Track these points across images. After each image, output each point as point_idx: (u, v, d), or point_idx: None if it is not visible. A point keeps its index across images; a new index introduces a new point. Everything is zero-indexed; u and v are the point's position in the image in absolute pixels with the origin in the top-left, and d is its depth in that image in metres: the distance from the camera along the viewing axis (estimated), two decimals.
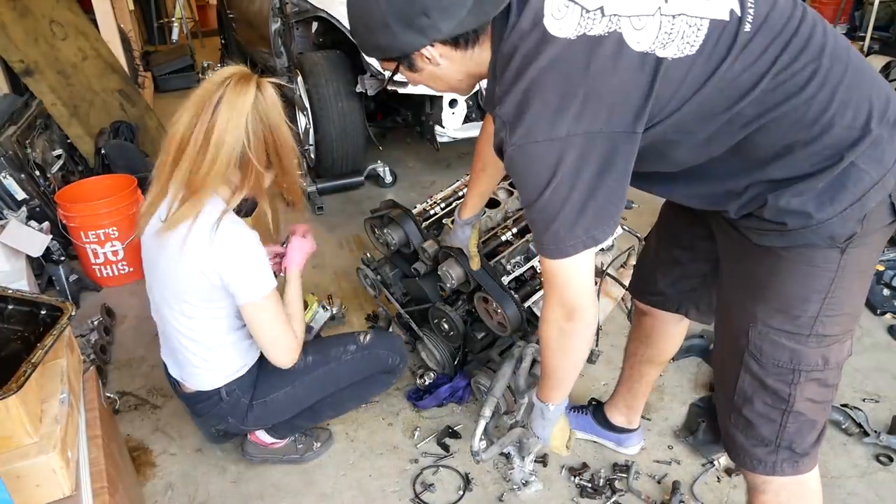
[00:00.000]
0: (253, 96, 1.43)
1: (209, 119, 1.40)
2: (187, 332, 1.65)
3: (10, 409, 1.23)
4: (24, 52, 3.53)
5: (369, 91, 3.45)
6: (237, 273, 1.51)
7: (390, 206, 2.26)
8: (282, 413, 1.84)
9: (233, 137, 1.41)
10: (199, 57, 6.68)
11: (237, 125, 1.41)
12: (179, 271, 1.53)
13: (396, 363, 1.90)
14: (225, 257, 1.49)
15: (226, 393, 1.73)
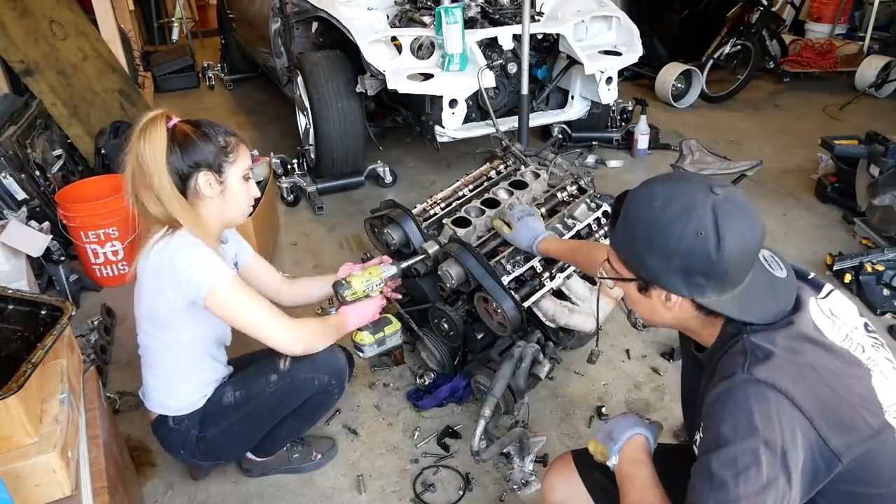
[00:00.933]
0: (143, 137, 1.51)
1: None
2: (146, 354, 1.72)
3: (10, 408, 1.23)
4: (24, 52, 3.53)
5: (369, 91, 3.46)
6: (188, 272, 1.53)
7: (390, 206, 2.26)
8: (228, 449, 1.82)
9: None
10: (199, 57, 6.68)
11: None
12: (143, 293, 1.61)
13: (325, 381, 1.73)
14: (174, 265, 1.53)
15: (173, 422, 1.73)
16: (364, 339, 1.90)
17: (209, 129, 1.56)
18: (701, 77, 5.10)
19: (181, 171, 1.52)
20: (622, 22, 3.77)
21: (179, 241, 1.53)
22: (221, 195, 1.59)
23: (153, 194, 1.50)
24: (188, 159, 1.52)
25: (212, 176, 1.55)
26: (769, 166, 3.95)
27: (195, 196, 1.56)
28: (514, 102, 3.65)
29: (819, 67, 5.50)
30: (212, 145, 1.54)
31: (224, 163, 1.56)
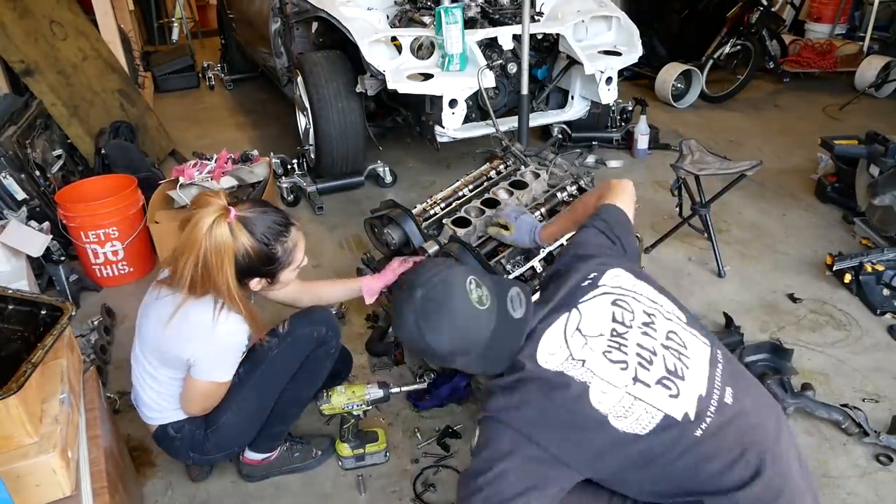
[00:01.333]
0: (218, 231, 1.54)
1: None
2: (141, 378, 1.74)
3: (10, 409, 1.23)
4: (24, 53, 3.53)
5: (369, 91, 3.46)
6: (206, 355, 1.61)
7: (390, 206, 2.26)
8: (242, 432, 1.82)
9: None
10: (199, 57, 6.68)
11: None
12: (167, 335, 1.61)
13: (323, 333, 1.80)
14: (212, 339, 1.59)
15: (174, 430, 1.76)
16: (342, 451, 1.96)
17: (264, 234, 1.56)
18: (701, 77, 5.10)
19: (240, 276, 1.57)
20: (622, 22, 3.78)
21: (234, 325, 1.59)
22: (269, 287, 1.68)
23: (211, 287, 1.54)
24: (243, 268, 1.56)
25: (265, 281, 1.64)
26: (769, 166, 3.95)
27: (245, 286, 1.62)
28: (513, 102, 3.65)
29: (819, 67, 5.50)
30: (268, 255, 1.58)
31: (279, 270, 1.63)
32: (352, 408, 1.88)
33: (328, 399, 1.86)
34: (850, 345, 2.47)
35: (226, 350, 1.63)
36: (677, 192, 2.98)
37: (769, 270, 2.95)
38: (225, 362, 1.66)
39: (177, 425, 1.75)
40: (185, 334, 1.58)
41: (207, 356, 1.62)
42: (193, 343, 1.59)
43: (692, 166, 2.84)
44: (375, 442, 1.98)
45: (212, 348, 1.61)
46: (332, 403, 1.86)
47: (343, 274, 3.01)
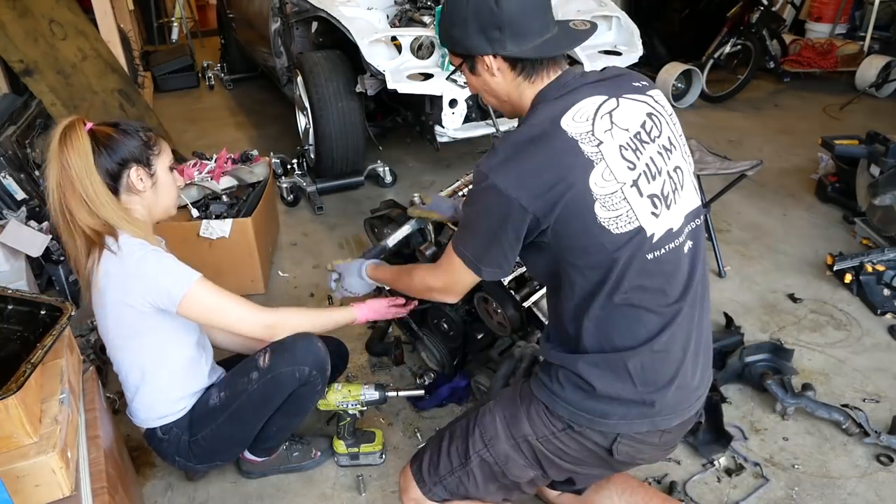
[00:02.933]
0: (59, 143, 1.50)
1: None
2: (122, 370, 1.72)
3: (10, 409, 1.23)
4: (23, 52, 3.52)
5: (369, 91, 3.45)
6: (156, 280, 1.54)
7: (390, 206, 2.25)
8: (222, 451, 1.80)
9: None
10: (198, 57, 6.68)
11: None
12: (107, 312, 1.59)
13: (306, 373, 1.68)
14: (140, 274, 1.53)
15: (161, 432, 1.73)
16: (338, 448, 1.96)
17: (127, 126, 1.58)
18: (701, 77, 5.10)
19: (112, 171, 1.53)
20: (622, 21, 3.77)
21: (131, 248, 1.53)
22: (153, 188, 1.61)
23: (84, 203, 1.49)
24: (116, 157, 1.53)
25: (142, 170, 1.57)
26: (769, 166, 3.95)
27: (128, 193, 1.58)
28: None
29: (819, 67, 5.50)
30: (136, 140, 1.56)
31: (151, 155, 1.59)
32: (346, 406, 1.88)
33: (323, 395, 1.84)
34: (851, 345, 2.46)
35: (162, 272, 1.54)
36: None
37: (769, 270, 2.95)
38: (166, 267, 1.56)
39: (165, 427, 1.73)
40: (116, 288, 1.54)
41: (148, 283, 1.53)
42: (128, 287, 1.53)
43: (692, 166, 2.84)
44: (371, 442, 1.97)
45: (142, 274, 1.53)
46: (328, 400, 1.86)
47: None
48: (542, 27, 1.30)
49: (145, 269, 1.53)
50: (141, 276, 1.53)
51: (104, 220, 1.51)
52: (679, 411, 1.34)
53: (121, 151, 1.53)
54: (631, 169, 1.24)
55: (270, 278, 2.99)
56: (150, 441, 1.79)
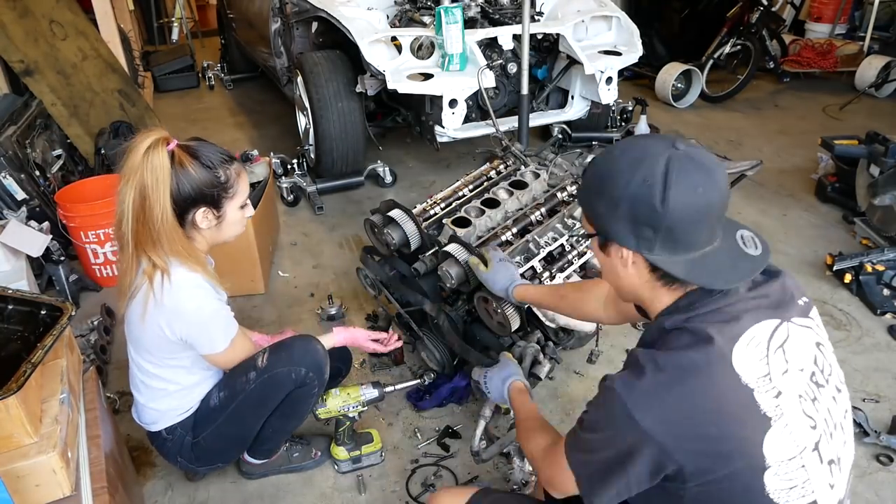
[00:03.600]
0: (161, 161, 1.46)
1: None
2: (140, 377, 1.71)
3: (10, 408, 1.23)
4: (24, 52, 3.53)
5: (369, 91, 3.46)
6: (193, 333, 1.57)
7: (390, 206, 2.26)
8: (222, 451, 1.82)
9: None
10: (198, 57, 6.68)
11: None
12: (143, 334, 1.59)
13: (303, 374, 1.69)
14: (179, 318, 1.54)
15: (166, 432, 1.74)
16: (339, 454, 1.95)
17: (209, 159, 1.51)
18: (701, 77, 5.10)
19: (179, 205, 1.49)
20: (622, 22, 3.77)
21: (188, 289, 1.53)
22: (217, 226, 1.59)
23: (149, 225, 1.46)
24: (186, 194, 1.48)
25: (210, 212, 1.54)
26: (769, 166, 3.95)
27: (190, 227, 1.55)
28: (513, 102, 3.64)
29: (819, 67, 5.50)
30: (211, 178, 1.51)
31: (224, 198, 1.55)
32: (347, 409, 1.88)
33: (323, 403, 1.85)
34: (851, 345, 2.47)
35: (199, 316, 1.55)
36: None
37: None
38: (214, 326, 1.59)
39: (170, 427, 1.73)
40: (161, 320, 1.53)
41: (192, 331, 1.57)
42: (173, 325, 1.54)
43: None
44: (371, 443, 1.98)
45: (191, 321, 1.55)
46: (328, 407, 1.86)
47: (343, 274, 3.01)
48: (705, 240, 1.02)
49: (199, 317, 1.56)
50: (192, 322, 1.55)
51: (164, 248, 1.49)
52: None
53: (193, 189, 1.49)
54: (812, 428, 0.99)
55: (270, 278, 2.99)
56: (153, 440, 1.79)
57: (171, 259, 1.51)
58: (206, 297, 1.56)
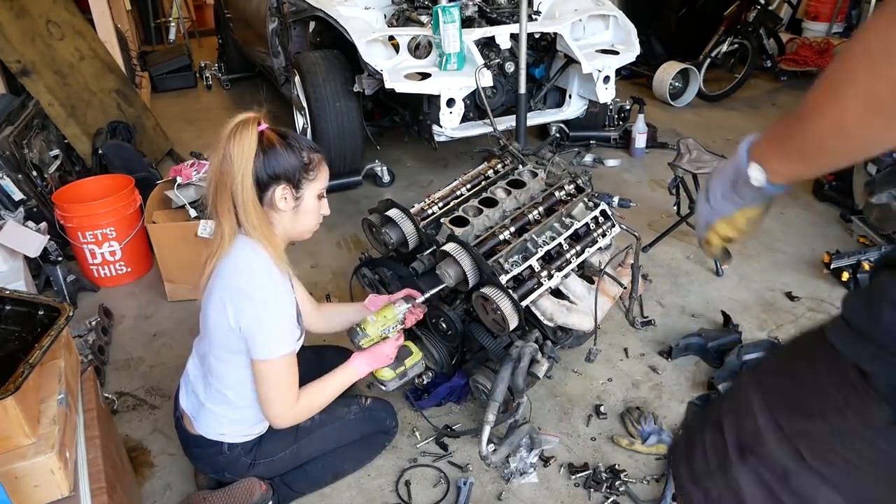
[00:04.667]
0: (251, 141, 1.49)
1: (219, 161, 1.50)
2: (212, 376, 1.65)
3: (8, 409, 1.23)
4: (20, 52, 3.52)
5: (367, 90, 3.45)
6: (252, 326, 1.51)
7: (388, 206, 2.26)
8: (283, 468, 1.83)
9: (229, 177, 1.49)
10: (196, 57, 6.67)
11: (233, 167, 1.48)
12: (209, 309, 1.56)
13: (391, 425, 1.98)
14: (242, 304, 1.50)
15: (227, 448, 1.71)
16: (385, 375, 1.86)
17: (295, 141, 1.55)
18: (698, 76, 5.11)
19: (262, 179, 1.50)
20: (619, 21, 3.78)
21: (259, 276, 1.51)
22: (294, 210, 1.59)
23: (229, 197, 1.48)
24: (270, 169, 1.50)
25: (289, 190, 1.55)
26: None
27: (269, 206, 1.55)
28: (511, 101, 3.65)
29: (816, 66, 5.51)
30: (296, 159, 1.53)
31: (304, 179, 1.56)
32: (388, 331, 1.80)
33: (364, 333, 1.76)
34: None
35: (260, 301, 1.50)
36: (675, 191, 2.99)
37: (767, 269, 2.96)
38: (274, 322, 1.52)
39: (232, 445, 1.71)
40: (225, 294, 1.51)
41: (249, 319, 1.50)
42: (233, 302, 1.50)
43: (690, 165, 2.85)
44: (412, 355, 1.90)
45: (251, 304, 1.50)
46: (370, 334, 1.77)
47: (341, 273, 3.01)
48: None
49: (258, 312, 1.51)
50: (250, 316, 1.50)
51: (242, 217, 1.50)
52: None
53: (277, 165, 1.51)
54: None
55: None
56: (202, 446, 1.73)
57: (244, 230, 1.52)
58: (272, 282, 1.53)
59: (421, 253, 2.18)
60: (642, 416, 2.10)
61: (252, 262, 1.53)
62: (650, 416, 2.09)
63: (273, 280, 1.54)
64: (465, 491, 1.87)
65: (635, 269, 2.20)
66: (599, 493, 1.87)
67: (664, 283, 2.86)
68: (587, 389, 2.28)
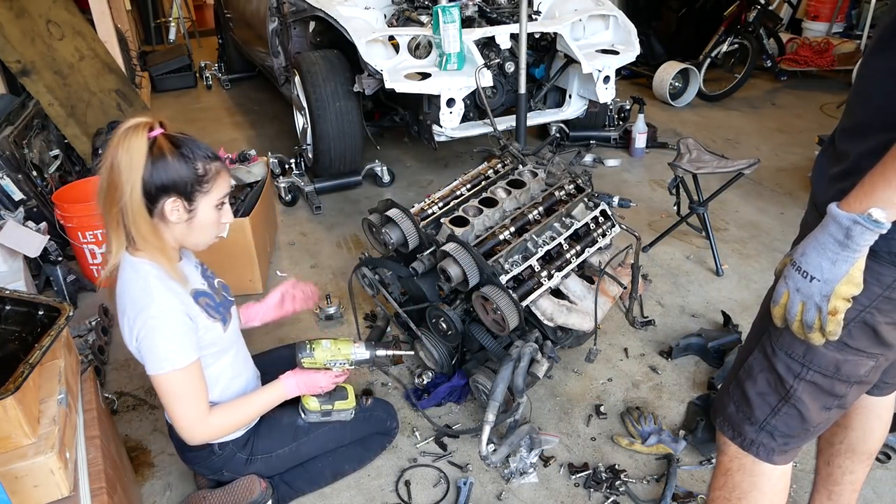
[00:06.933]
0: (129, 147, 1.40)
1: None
2: None
3: (8, 409, 1.23)
4: (20, 53, 3.52)
5: (367, 90, 3.45)
6: (139, 345, 1.44)
7: (388, 206, 2.26)
8: (282, 466, 1.83)
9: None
10: (196, 57, 6.68)
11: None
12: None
13: (392, 426, 2.00)
14: (128, 325, 1.44)
15: (218, 447, 1.70)
16: (310, 404, 1.78)
17: (189, 150, 1.44)
18: (698, 76, 5.11)
19: (149, 191, 1.40)
20: (619, 21, 3.78)
21: (135, 265, 1.45)
22: (188, 223, 1.48)
23: (118, 210, 1.40)
24: (158, 180, 1.40)
25: (181, 203, 1.44)
26: (766, 165, 3.96)
27: (159, 219, 1.46)
28: (511, 101, 3.65)
29: (816, 66, 5.51)
30: (187, 170, 1.43)
31: (197, 192, 1.46)
32: (334, 364, 1.73)
33: (311, 352, 1.70)
34: None
35: (145, 313, 1.41)
36: (675, 191, 2.99)
37: (767, 269, 2.95)
38: (158, 334, 1.42)
39: (223, 443, 1.69)
40: (120, 318, 1.45)
41: (138, 331, 1.42)
42: (125, 325, 1.44)
43: (690, 165, 2.85)
44: (345, 399, 1.80)
45: (137, 317, 1.41)
46: (315, 358, 1.70)
47: (341, 273, 3.01)
48: None
49: (138, 331, 1.43)
50: (135, 335, 1.44)
51: (130, 229, 1.42)
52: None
53: (165, 176, 1.40)
54: None
55: (268, 278, 2.99)
56: (193, 450, 1.69)
57: (133, 243, 1.45)
58: (150, 300, 1.42)
59: (421, 253, 2.18)
60: (642, 416, 2.10)
61: (131, 283, 1.45)
62: (650, 416, 2.09)
63: (151, 297, 1.43)
64: (465, 491, 1.87)
65: (635, 269, 2.20)
66: (599, 493, 1.87)
67: (664, 283, 2.86)
68: (587, 389, 2.28)
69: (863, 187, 0.93)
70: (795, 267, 1.01)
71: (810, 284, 0.99)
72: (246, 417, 1.65)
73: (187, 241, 1.53)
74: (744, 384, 1.25)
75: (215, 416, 1.56)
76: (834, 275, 0.97)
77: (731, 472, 1.30)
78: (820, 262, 0.97)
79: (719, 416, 1.32)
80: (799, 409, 1.18)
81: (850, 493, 1.56)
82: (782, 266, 1.08)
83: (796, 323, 1.03)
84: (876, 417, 1.45)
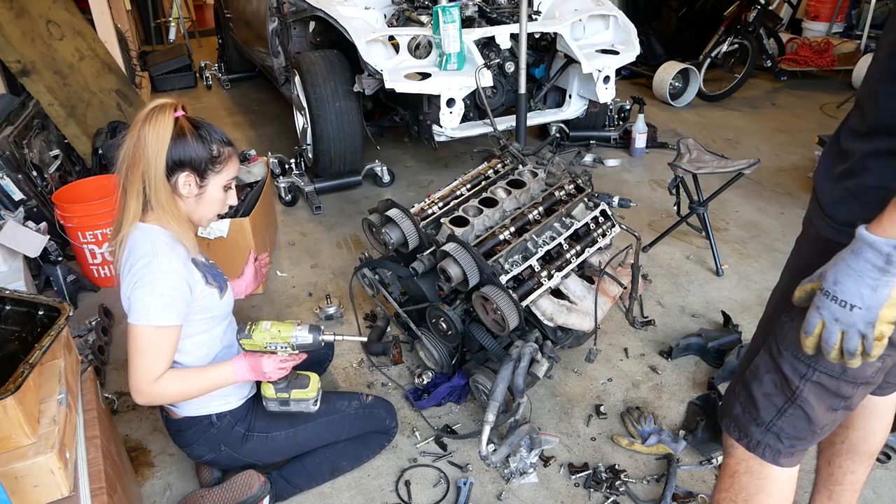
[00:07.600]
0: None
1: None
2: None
3: (8, 409, 1.23)
4: (20, 53, 3.52)
5: (367, 90, 3.45)
6: (129, 288, 1.50)
7: (388, 206, 2.26)
8: (279, 452, 1.84)
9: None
10: (196, 57, 6.68)
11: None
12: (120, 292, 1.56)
13: (391, 426, 2.00)
14: (126, 270, 1.51)
15: (216, 418, 1.72)
16: (266, 391, 1.69)
17: (207, 132, 1.59)
18: (698, 76, 5.11)
19: (168, 164, 1.53)
20: (619, 21, 3.78)
21: (146, 228, 1.53)
22: (197, 198, 1.60)
23: (140, 179, 1.51)
24: (177, 155, 1.54)
25: (193, 178, 1.57)
26: (766, 165, 3.96)
27: (172, 191, 1.57)
28: (511, 101, 3.65)
29: (816, 66, 5.51)
30: (204, 150, 1.57)
31: (210, 170, 1.59)
32: (275, 348, 1.61)
33: (248, 333, 1.60)
34: None
35: (141, 268, 1.48)
36: (675, 191, 2.99)
37: (767, 269, 2.95)
38: (145, 287, 1.48)
39: (221, 414, 1.72)
40: (122, 281, 1.51)
41: (133, 277, 1.49)
42: (124, 277, 1.51)
43: (690, 165, 2.85)
44: (305, 388, 1.71)
45: (130, 271, 1.49)
46: (254, 340, 1.60)
47: (341, 273, 3.01)
48: None
49: (133, 277, 1.49)
50: (129, 281, 1.49)
51: (150, 198, 1.53)
52: None
53: (184, 153, 1.55)
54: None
55: (269, 278, 2.99)
56: (192, 427, 1.71)
57: (151, 209, 1.54)
58: (153, 255, 1.50)
59: (421, 253, 2.18)
60: (642, 416, 2.10)
61: (140, 243, 1.53)
62: (650, 416, 2.09)
63: (156, 254, 1.51)
64: (465, 491, 1.87)
65: (635, 269, 2.20)
66: (599, 493, 1.87)
67: (664, 283, 2.86)
68: (587, 389, 2.28)
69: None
70: (830, 297, 0.97)
71: (851, 313, 0.96)
72: (194, 390, 1.60)
73: (193, 214, 1.64)
74: (750, 385, 1.25)
75: (164, 380, 1.54)
76: (877, 301, 0.94)
77: (737, 475, 1.30)
78: (859, 290, 0.94)
79: (725, 417, 1.32)
80: (805, 411, 1.18)
81: (851, 493, 1.56)
82: (804, 294, 1.05)
83: (835, 352, 1.00)
84: (878, 417, 1.45)
